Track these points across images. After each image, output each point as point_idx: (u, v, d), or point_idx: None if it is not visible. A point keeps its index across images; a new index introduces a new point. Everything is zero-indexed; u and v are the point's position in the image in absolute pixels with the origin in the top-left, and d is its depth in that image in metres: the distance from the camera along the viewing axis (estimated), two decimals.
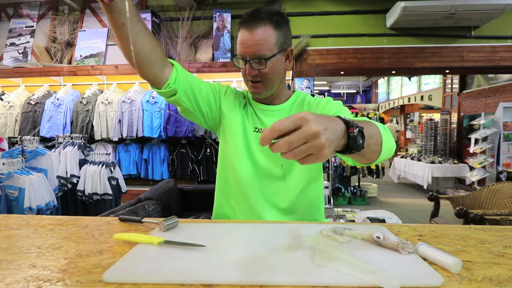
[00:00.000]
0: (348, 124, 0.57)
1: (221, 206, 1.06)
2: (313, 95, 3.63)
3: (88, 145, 2.95)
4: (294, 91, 1.11)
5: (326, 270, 0.52)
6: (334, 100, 1.03)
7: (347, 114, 0.97)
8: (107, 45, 3.73)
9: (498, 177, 5.38)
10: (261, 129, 1.02)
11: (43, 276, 0.51)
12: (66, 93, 3.54)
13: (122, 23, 0.73)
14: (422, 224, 0.80)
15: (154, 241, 0.64)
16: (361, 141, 0.58)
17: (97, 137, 3.40)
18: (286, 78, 3.59)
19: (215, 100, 1.02)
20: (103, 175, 2.68)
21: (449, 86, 8.15)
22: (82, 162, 2.76)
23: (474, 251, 0.62)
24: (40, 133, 3.39)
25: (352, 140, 0.57)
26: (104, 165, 2.71)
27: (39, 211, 2.24)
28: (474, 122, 6.07)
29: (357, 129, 0.57)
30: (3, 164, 2.24)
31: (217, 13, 3.44)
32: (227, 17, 3.44)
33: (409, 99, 10.70)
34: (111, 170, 2.77)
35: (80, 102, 3.44)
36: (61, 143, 2.86)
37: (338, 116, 0.58)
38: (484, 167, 5.57)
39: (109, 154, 3.04)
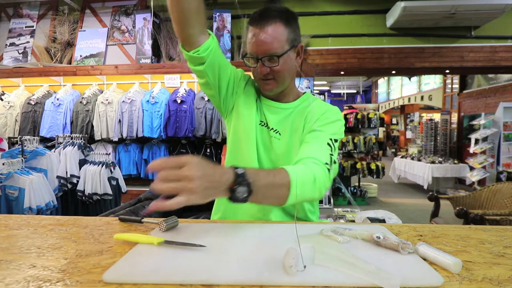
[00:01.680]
0: (236, 176, 0.63)
1: None
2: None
3: (88, 145, 2.95)
4: (304, 93, 1.09)
5: (326, 270, 0.52)
6: (336, 114, 1.00)
7: (331, 130, 0.94)
8: (107, 45, 3.73)
9: (498, 177, 5.38)
10: (266, 123, 1.02)
11: (43, 276, 0.51)
12: (66, 93, 3.54)
13: None
14: (422, 224, 0.80)
15: (154, 241, 0.64)
16: (245, 195, 0.64)
17: (97, 137, 3.40)
18: None
19: (233, 86, 1.03)
20: (103, 175, 2.68)
21: (449, 86, 8.15)
22: (82, 162, 2.76)
23: (474, 251, 0.62)
24: (40, 133, 3.39)
25: (232, 193, 0.63)
26: (104, 165, 2.71)
27: (39, 211, 2.24)
28: (474, 122, 6.07)
29: (239, 185, 0.63)
30: (3, 164, 2.24)
31: (217, 13, 3.44)
32: (227, 17, 3.44)
33: (409, 99, 10.71)
34: (111, 170, 2.77)
35: (80, 102, 3.44)
36: (61, 143, 2.86)
37: (234, 168, 0.64)
38: (484, 167, 5.57)
39: (109, 154, 3.04)
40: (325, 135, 0.92)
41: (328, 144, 0.90)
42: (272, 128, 1.01)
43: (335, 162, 0.90)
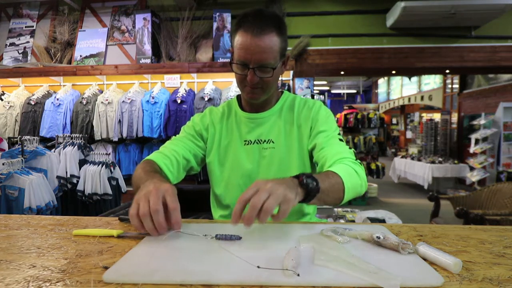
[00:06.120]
0: (298, 176, 0.71)
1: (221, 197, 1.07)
2: (313, 96, 3.64)
3: (88, 145, 2.95)
4: (282, 92, 1.10)
5: (326, 270, 0.52)
6: (324, 108, 1.03)
7: (333, 126, 0.99)
8: (107, 45, 3.73)
9: (498, 177, 5.38)
10: (251, 141, 1.01)
11: (43, 276, 0.51)
12: (66, 93, 3.54)
13: None
14: (422, 224, 0.80)
15: (114, 233, 0.69)
16: (314, 183, 0.70)
17: (97, 137, 3.40)
18: (286, 78, 3.58)
19: (199, 145, 1.05)
20: (103, 175, 2.68)
21: (449, 86, 8.15)
22: (82, 162, 2.76)
23: (474, 251, 0.62)
24: (40, 133, 3.39)
25: (305, 186, 0.69)
26: (104, 165, 2.71)
27: (39, 211, 2.24)
28: (474, 122, 6.07)
29: (305, 176, 0.70)
30: (3, 164, 2.24)
31: (217, 13, 3.44)
32: (227, 17, 3.44)
33: (409, 99, 10.70)
34: (111, 170, 2.77)
35: (80, 102, 3.44)
36: (61, 143, 2.86)
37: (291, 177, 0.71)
38: (484, 167, 5.57)
39: (109, 154, 3.04)
40: (332, 134, 0.97)
41: (340, 139, 0.96)
42: (264, 140, 1.01)
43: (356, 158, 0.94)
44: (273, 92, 1.03)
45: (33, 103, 3.47)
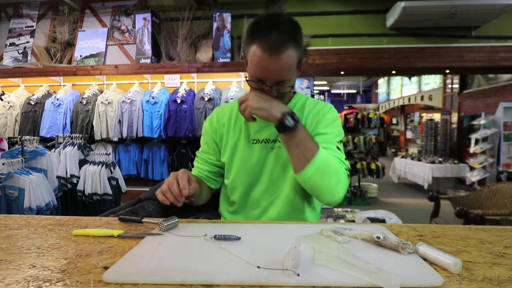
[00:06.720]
0: (290, 112, 0.85)
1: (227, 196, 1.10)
2: (313, 96, 3.63)
3: (88, 145, 2.95)
4: (295, 92, 1.09)
5: (326, 270, 0.52)
6: (332, 112, 1.03)
7: (335, 131, 0.98)
8: (107, 45, 3.73)
9: (498, 177, 5.38)
10: (259, 140, 1.02)
11: (43, 276, 0.51)
12: (66, 93, 3.54)
13: (191, 201, 0.96)
14: (422, 224, 0.80)
15: (114, 233, 0.69)
16: (289, 124, 0.84)
17: (97, 137, 3.40)
18: None
19: (215, 154, 1.09)
20: (103, 175, 2.68)
21: (449, 86, 8.15)
22: (82, 162, 2.76)
23: (474, 251, 0.62)
24: (40, 133, 3.39)
25: (282, 117, 0.84)
26: (104, 165, 2.71)
27: (39, 211, 2.24)
28: (474, 122, 6.07)
29: (290, 116, 0.84)
30: (3, 164, 2.23)
31: (217, 13, 3.44)
32: (227, 17, 3.44)
33: (409, 99, 10.70)
34: (111, 170, 2.77)
35: (80, 102, 3.44)
36: (61, 143, 2.86)
37: (290, 112, 0.86)
38: (484, 167, 5.57)
39: (109, 154, 3.04)
40: (331, 139, 0.96)
41: (338, 148, 0.95)
42: (272, 140, 1.00)
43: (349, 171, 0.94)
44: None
45: (33, 103, 3.47)
